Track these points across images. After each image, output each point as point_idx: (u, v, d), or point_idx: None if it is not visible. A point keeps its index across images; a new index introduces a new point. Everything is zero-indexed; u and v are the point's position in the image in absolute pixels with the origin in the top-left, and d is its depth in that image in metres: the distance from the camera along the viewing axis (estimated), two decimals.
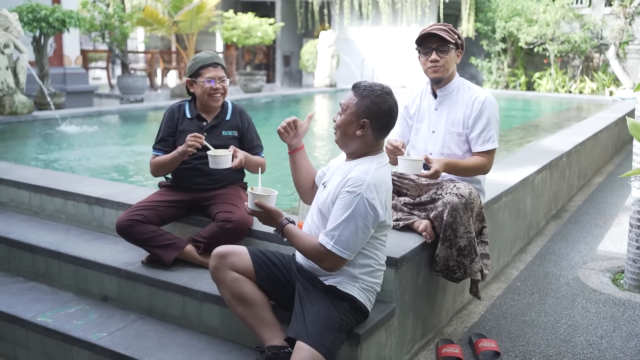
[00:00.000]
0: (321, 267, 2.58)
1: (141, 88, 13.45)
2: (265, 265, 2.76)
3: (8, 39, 8.44)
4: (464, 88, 3.38)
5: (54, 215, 4.22)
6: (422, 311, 3.33)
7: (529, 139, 8.49)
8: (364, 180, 2.50)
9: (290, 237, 2.61)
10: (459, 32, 3.35)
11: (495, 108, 3.33)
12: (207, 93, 3.46)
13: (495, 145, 3.32)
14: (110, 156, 6.74)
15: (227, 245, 2.84)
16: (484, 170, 3.35)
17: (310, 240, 2.59)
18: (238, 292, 2.70)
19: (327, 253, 2.51)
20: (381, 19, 19.86)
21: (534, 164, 5.33)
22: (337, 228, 2.49)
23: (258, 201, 2.56)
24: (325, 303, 2.55)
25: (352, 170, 2.57)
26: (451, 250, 3.15)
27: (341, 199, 2.51)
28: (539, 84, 17.99)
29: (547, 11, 17.22)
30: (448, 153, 3.36)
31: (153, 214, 3.34)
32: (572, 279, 4.37)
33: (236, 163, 3.31)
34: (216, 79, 3.46)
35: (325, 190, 2.66)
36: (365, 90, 2.57)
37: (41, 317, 3.24)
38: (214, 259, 2.75)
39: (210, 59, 3.47)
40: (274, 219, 2.60)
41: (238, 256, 2.75)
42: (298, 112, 12.98)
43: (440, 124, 3.38)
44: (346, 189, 2.51)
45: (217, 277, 2.75)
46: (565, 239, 5.31)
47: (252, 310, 2.69)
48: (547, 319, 3.71)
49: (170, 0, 14.88)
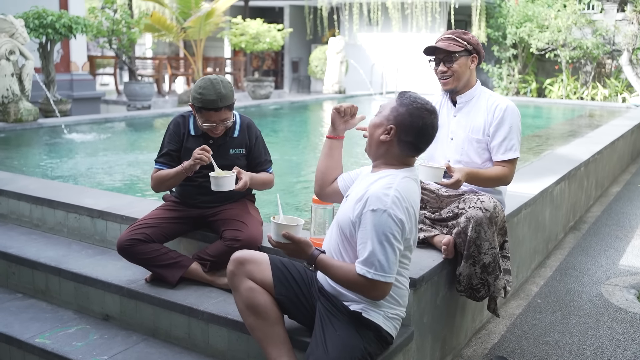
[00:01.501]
0: (368, 298, 2.37)
1: (148, 94, 13.33)
2: (285, 279, 2.57)
3: (13, 46, 8.33)
4: (485, 96, 3.23)
5: (55, 229, 4.07)
6: (440, 333, 3.15)
7: (543, 147, 8.31)
8: (387, 194, 2.29)
9: (324, 269, 2.40)
10: (471, 36, 3.18)
11: (518, 116, 3.17)
12: (207, 130, 3.22)
13: (517, 154, 3.15)
14: (115, 165, 6.60)
15: (248, 250, 2.66)
16: (505, 180, 3.17)
17: (348, 270, 2.34)
18: (252, 303, 2.51)
19: (371, 283, 2.29)
20: (391, 25, 19.71)
21: (553, 174, 5.15)
22: (372, 254, 2.27)
23: (286, 232, 2.34)
24: (350, 329, 2.37)
25: (373, 184, 2.37)
26: (475, 267, 2.98)
27: (366, 220, 2.30)
28: (550, 91, 17.78)
29: (559, 17, 17.02)
30: (467, 161, 3.19)
31: (156, 232, 3.16)
32: (595, 295, 4.18)
33: (240, 185, 3.09)
34: (217, 122, 3.17)
35: (346, 204, 2.47)
36: (408, 99, 2.43)
37: (39, 338, 3.07)
38: (232, 264, 2.58)
39: (214, 103, 3.09)
40: (303, 251, 2.38)
41: (257, 265, 2.56)
42: (307, 119, 12.83)
43: (459, 131, 3.22)
44: (369, 208, 2.29)
45: (233, 282, 2.57)
46: (585, 252, 5.11)
47: (264, 323, 2.51)
48: (571, 340, 3.52)
49: (178, 6, 14.78)
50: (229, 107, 3.17)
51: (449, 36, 3.17)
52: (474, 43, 3.17)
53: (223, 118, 3.16)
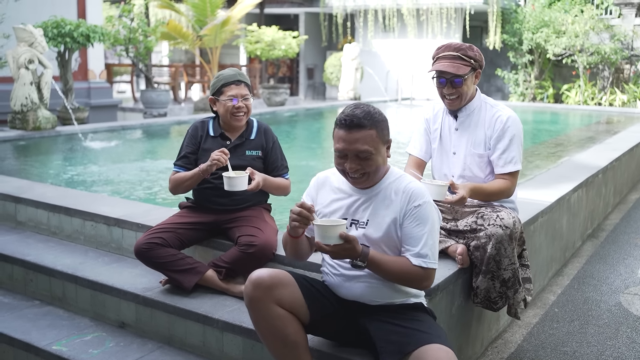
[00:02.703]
0: (419, 287, 2.45)
1: (165, 102, 13.43)
2: (315, 297, 2.47)
3: (32, 55, 8.44)
4: (486, 107, 3.19)
5: (72, 236, 4.11)
6: (456, 342, 3.12)
7: (560, 153, 8.25)
8: (421, 187, 2.44)
9: (376, 263, 2.34)
10: (475, 51, 3.11)
11: (519, 128, 3.13)
12: (230, 112, 3.32)
13: (518, 167, 3.12)
14: (131, 172, 6.65)
15: (267, 270, 2.45)
16: (507, 193, 3.15)
17: (402, 262, 2.38)
18: (281, 333, 2.38)
19: (427, 272, 2.38)
20: (406, 31, 19.71)
21: (570, 181, 5.10)
22: (425, 245, 2.37)
23: (343, 232, 2.24)
24: (424, 315, 2.46)
25: (401, 186, 2.43)
26: (494, 282, 2.98)
27: (414, 215, 2.38)
28: (567, 96, 17.65)
29: (576, 22, 16.92)
30: (469, 175, 3.17)
31: (173, 237, 3.19)
32: (614, 305, 4.12)
33: (253, 186, 3.15)
34: (239, 97, 3.32)
35: (375, 224, 2.42)
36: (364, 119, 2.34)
37: (56, 345, 3.10)
38: (255, 287, 2.36)
39: (233, 77, 3.34)
40: (355, 249, 2.28)
41: (285, 288, 2.40)
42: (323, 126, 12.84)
43: (461, 146, 3.20)
44: (414, 204, 2.38)
45: (257, 308, 2.38)
46: (603, 260, 5.05)
47: (291, 352, 2.41)
48: (589, 350, 3.48)
49: (194, 15, 14.89)
50: (247, 87, 3.37)
51: (454, 54, 3.07)
52: (480, 59, 3.12)
53: (244, 94, 3.34)
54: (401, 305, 2.47)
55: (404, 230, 2.40)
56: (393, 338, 2.34)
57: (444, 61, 3.08)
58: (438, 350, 2.19)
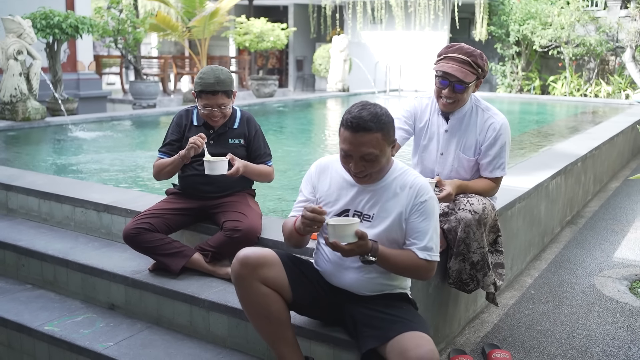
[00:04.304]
0: (423, 278, 2.58)
1: (154, 93, 13.48)
2: (299, 279, 2.58)
3: (21, 46, 8.48)
4: (477, 111, 3.22)
5: (63, 222, 4.21)
6: (433, 321, 3.25)
7: (543, 143, 8.39)
8: (426, 182, 2.54)
9: (386, 258, 2.43)
10: (484, 60, 3.09)
11: (509, 134, 3.23)
12: (205, 115, 3.40)
13: (504, 172, 3.26)
14: (120, 161, 6.74)
15: (256, 249, 2.56)
16: (491, 193, 3.30)
17: (408, 256, 2.47)
18: (265, 309, 2.50)
19: (431, 265, 2.51)
20: (394, 23, 19.80)
21: (549, 168, 5.25)
22: (431, 239, 2.48)
23: (359, 230, 2.31)
24: (407, 305, 2.59)
25: (407, 180, 2.50)
26: (464, 264, 3.11)
27: (420, 210, 2.47)
28: (554, 88, 17.84)
29: (562, 14, 17.07)
30: (455, 176, 3.28)
31: (160, 222, 3.31)
32: (588, 287, 4.28)
33: (233, 171, 3.25)
34: (214, 106, 3.33)
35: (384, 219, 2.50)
36: (369, 122, 2.36)
37: (48, 326, 3.22)
38: (242, 266, 2.47)
39: (212, 86, 3.28)
40: (367, 245, 2.36)
41: (270, 268, 2.51)
42: (310, 117, 12.94)
43: (450, 148, 3.25)
44: (420, 199, 2.47)
45: (243, 285, 2.50)
46: (580, 245, 5.21)
47: (275, 328, 2.54)
48: (562, 328, 3.63)
49: (183, 6, 14.92)
50: (226, 94, 3.35)
51: (464, 59, 3.01)
52: (486, 70, 3.11)
53: (220, 103, 3.34)
54: (386, 294, 2.59)
55: (409, 225, 2.48)
56: (376, 324, 2.44)
57: (452, 63, 3.02)
58: (419, 338, 2.28)
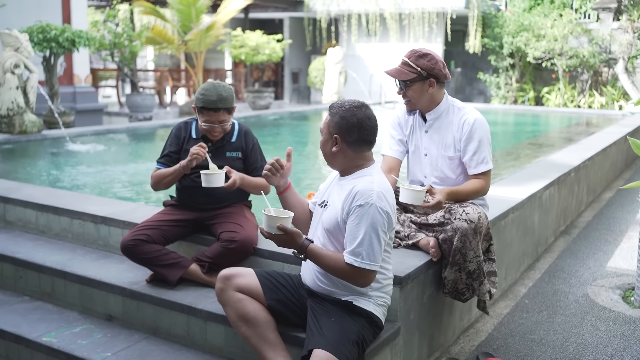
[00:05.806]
0: (354, 285, 2.58)
1: (150, 106, 13.53)
2: (273, 285, 2.75)
3: (18, 59, 8.54)
4: (454, 109, 3.32)
5: (60, 235, 4.23)
6: (428, 330, 3.29)
7: (537, 154, 8.46)
8: (372, 190, 2.52)
9: (314, 257, 2.56)
10: (429, 59, 3.17)
11: (486, 129, 3.28)
12: (205, 130, 3.45)
13: (490, 166, 3.29)
14: (117, 174, 6.77)
15: (233, 267, 2.83)
16: (483, 192, 3.33)
17: (336, 259, 2.54)
18: (242, 312, 2.68)
19: (357, 271, 2.51)
20: (389, 36, 19.93)
21: (542, 179, 5.30)
22: (360, 244, 2.49)
23: (280, 224, 2.49)
24: (344, 316, 2.57)
25: (356, 184, 2.56)
26: (460, 274, 3.14)
27: (355, 214, 2.51)
28: (548, 99, 17.95)
29: (555, 26, 17.22)
30: (442, 176, 3.34)
31: (157, 234, 3.34)
32: (581, 296, 4.32)
33: (229, 183, 3.29)
34: (215, 122, 3.40)
35: (330, 209, 2.64)
36: (335, 107, 2.62)
37: (46, 337, 3.23)
38: (219, 281, 2.73)
39: (214, 104, 3.34)
40: (294, 241, 2.54)
41: (243, 277, 2.73)
42: (306, 129, 13.00)
43: (431, 148, 3.35)
44: (357, 203, 2.51)
45: (223, 298, 2.73)
46: (574, 255, 5.26)
47: (256, 330, 2.66)
48: (555, 337, 3.67)
49: (179, 20, 15.01)
50: (227, 110, 3.41)
51: (404, 60, 3.23)
52: (428, 68, 3.17)
53: (221, 120, 3.39)
54: (342, 302, 2.62)
55: (347, 227, 2.55)
56: (309, 329, 2.56)
57: (396, 65, 3.27)
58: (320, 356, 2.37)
